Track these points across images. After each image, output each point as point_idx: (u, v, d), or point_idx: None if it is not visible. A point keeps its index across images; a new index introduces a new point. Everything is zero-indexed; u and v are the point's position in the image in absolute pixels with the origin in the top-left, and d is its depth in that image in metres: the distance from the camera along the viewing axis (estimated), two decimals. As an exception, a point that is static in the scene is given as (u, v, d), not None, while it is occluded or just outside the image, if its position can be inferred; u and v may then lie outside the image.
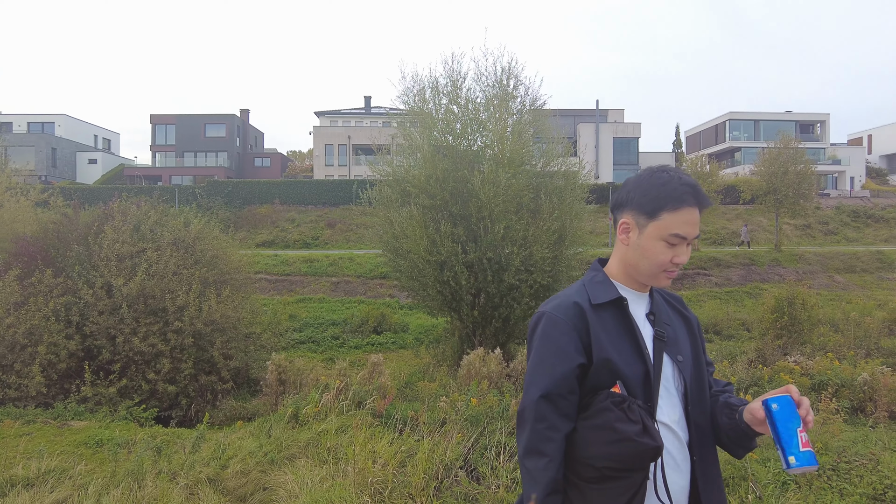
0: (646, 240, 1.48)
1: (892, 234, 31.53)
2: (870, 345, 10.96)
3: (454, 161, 10.86)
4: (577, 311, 1.46)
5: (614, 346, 1.45)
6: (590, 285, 1.54)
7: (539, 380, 1.44)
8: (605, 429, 1.36)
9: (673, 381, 1.51)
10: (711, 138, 52.87)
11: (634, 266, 1.51)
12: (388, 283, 20.11)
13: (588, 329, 1.45)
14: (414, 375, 10.64)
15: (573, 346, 1.44)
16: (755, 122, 50.03)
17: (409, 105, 11.75)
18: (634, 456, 1.34)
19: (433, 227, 10.34)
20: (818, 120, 50.28)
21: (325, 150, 43.29)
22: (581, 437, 1.40)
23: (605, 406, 1.38)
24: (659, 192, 1.47)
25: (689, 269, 22.22)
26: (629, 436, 1.33)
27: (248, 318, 11.46)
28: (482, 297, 10.73)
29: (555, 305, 1.51)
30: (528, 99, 11.65)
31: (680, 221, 1.45)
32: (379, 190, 11.61)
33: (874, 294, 19.68)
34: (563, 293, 1.56)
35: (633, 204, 1.51)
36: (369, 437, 5.67)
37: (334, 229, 29.94)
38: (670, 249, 1.46)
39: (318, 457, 5.67)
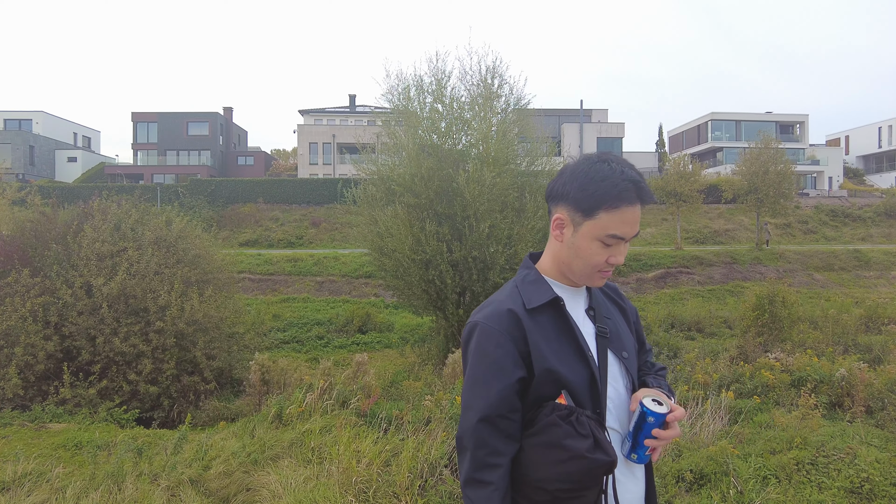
0: (580, 239, 1.36)
1: (869, 233, 32.12)
2: (847, 341, 11.14)
3: (439, 160, 10.86)
4: (511, 319, 1.33)
5: (555, 352, 1.33)
6: (522, 286, 1.41)
7: (476, 401, 1.31)
8: (553, 447, 1.25)
9: (621, 379, 1.42)
10: (694, 138, 53.45)
11: (567, 265, 1.40)
12: (373, 283, 20.04)
13: (525, 338, 1.32)
14: (399, 375, 10.61)
15: (511, 360, 1.31)
16: (736, 122, 50.69)
17: (394, 104, 11.73)
18: (587, 474, 1.23)
19: (418, 226, 10.32)
20: (797, 121, 51.09)
21: (310, 149, 43.04)
22: (528, 458, 1.29)
23: (552, 421, 1.26)
24: (597, 188, 1.32)
25: (672, 267, 22.45)
26: (580, 453, 1.22)
27: (232, 318, 11.35)
28: (467, 295, 10.74)
29: (487, 314, 1.37)
30: (512, 98, 11.70)
31: (618, 221, 1.32)
32: (364, 189, 11.57)
33: (852, 292, 20.04)
34: (495, 298, 1.43)
35: (568, 199, 1.37)
36: (353, 437, 5.64)
37: (319, 228, 29.78)
38: (606, 250, 1.35)
39: (302, 457, 5.63)
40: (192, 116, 47.36)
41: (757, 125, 47.72)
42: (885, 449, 5.63)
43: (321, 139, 42.92)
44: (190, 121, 47.15)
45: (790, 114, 51.33)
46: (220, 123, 48.12)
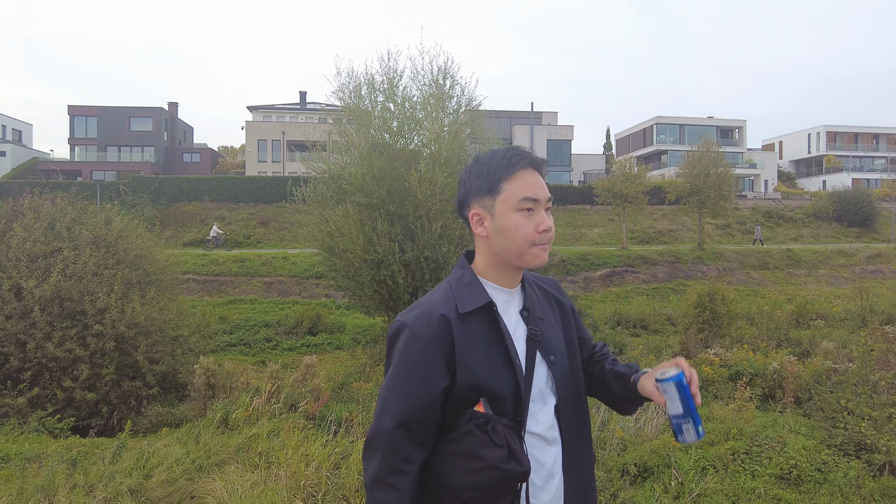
0: (500, 218, 1.36)
1: (800, 233, 33.96)
2: (780, 336, 11.74)
3: (391, 159, 10.81)
4: (442, 325, 1.31)
5: (481, 360, 1.31)
6: (457, 288, 1.38)
7: (395, 406, 1.29)
8: (467, 456, 1.24)
9: (546, 382, 1.41)
10: (640, 141, 55.12)
11: (502, 253, 1.38)
12: (323, 283, 19.77)
13: (453, 345, 1.30)
14: (350, 376, 10.51)
15: (437, 368, 1.29)
16: (680, 126, 52.58)
17: (345, 102, 11.60)
18: (499, 484, 1.23)
19: (370, 226, 10.25)
20: (736, 126, 53.43)
21: (258, 146, 42.06)
22: (443, 465, 1.28)
23: (468, 430, 1.25)
24: (489, 166, 1.37)
25: (618, 266, 23.09)
26: (493, 463, 1.22)
27: (176, 321, 10.97)
28: (420, 295, 10.74)
29: (417, 316, 1.34)
30: (464, 99, 11.75)
31: (522, 185, 1.35)
32: (313, 187, 11.39)
33: (784, 289, 21.13)
34: (428, 300, 1.39)
35: (472, 191, 1.40)
36: (302, 441, 5.56)
37: (267, 227, 29.14)
38: (529, 218, 1.34)
39: (249, 462, 5.51)
40: (134, 111, 45.51)
41: (699, 129, 49.68)
42: (811, 437, 5.97)
43: (270, 136, 42.02)
44: (132, 116, 45.29)
45: (730, 119, 53.65)
46: (164, 119, 46.41)
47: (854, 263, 25.25)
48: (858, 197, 35.60)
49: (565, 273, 22.54)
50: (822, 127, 56.46)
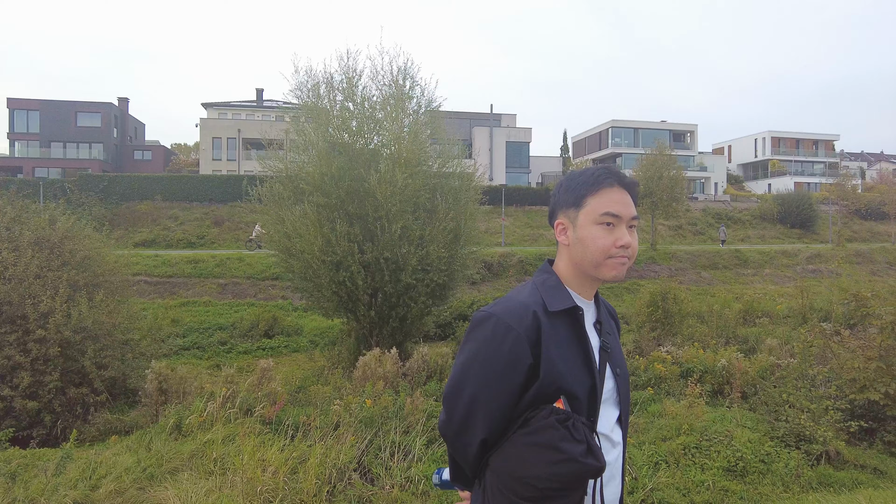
0: (580, 230, 1.44)
1: (747, 234, 35.34)
2: (728, 334, 12.18)
3: (350, 159, 10.72)
4: (532, 321, 1.36)
5: (564, 359, 1.38)
6: (543, 289, 1.45)
7: (479, 391, 1.36)
8: (548, 448, 1.29)
9: (612, 392, 1.49)
10: (596, 144, 56.23)
11: (580, 263, 1.45)
12: (280, 285, 19.44)
13: (540, 341, 1.35)
14: (308, 379, 10.36)
15: (523, 361, 1.34)
16: (635, 130, 53.91)
17: (303, 100, 11.44)
18: (577, 476, 1.29)
19: (328, 227, 10.14)
20: (688, 130, 55.14)
21: (213, 144, 40.99)
22: (520, 455, 1.32)
23: (549, 423, 1.30)
24: (577, 181, 1.47)
25: (575, 267, 23.51)
26: (574, 456, 1.27)
27: (126, 324, 10.58)
28: (379, 296, 10.69)
29: (506, 309, 1.38)
30: (423, 100, 11.76)
31: (606, 201, 1.42)
32: (270, 187, 11.19)
33: (733, 288, 21.96)
34: (515, 296, 1.44)
35: (560, 203, 1.50)
36: (258, 446, 5.46)
37: (222, 228, 28.44)
38: (609, 232, 1.41)
39: (204, 469, 5.38)
40: (82, 106, 43.66)
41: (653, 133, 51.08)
42: (756, 430, 6.23)
43: (226, 134, 41.00)
44: (80, 111, 43.45)
45: (683, 123, 55.31)
46: (114, 115, 44.71)
47: (796, 263, 26.46)
48: (800, 200, 37.31)
49: (523, 273, 22.82)
50: (768, 133, 58.91)
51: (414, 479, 5.26)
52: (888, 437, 6.18)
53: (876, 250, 29.30)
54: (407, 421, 6.45)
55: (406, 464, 5.57)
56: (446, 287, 11.20)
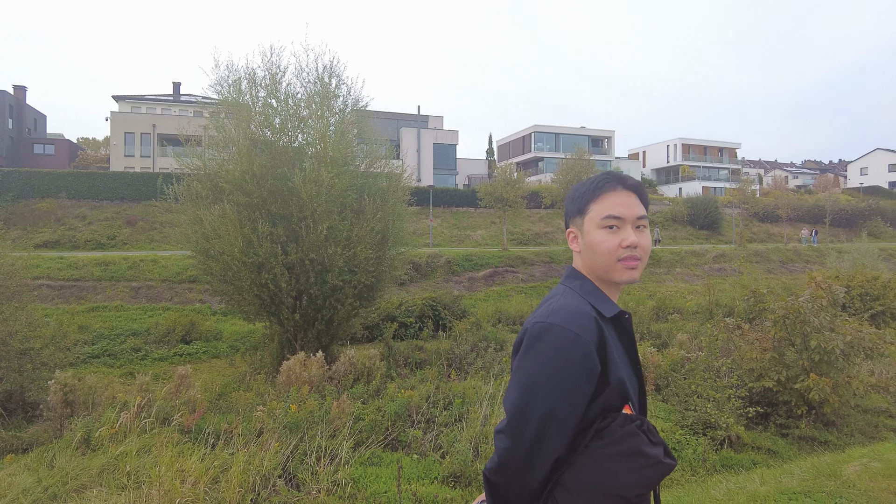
0: (587, 236, 1.45)
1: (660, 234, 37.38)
2: (643, 329, 12.86)
3: (273, 157, 10.44)
4: (597, 328, 1.33)
5: (623, 364, 1.38)
6: (587, 295, 1.42)
7: (555, 406, 1.28)
8: (634, 455, 1.27)
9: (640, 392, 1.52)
10: (519, 148, 57.64)
11: (593, 268, 1.46)
12: (198, 288, 18.59)
13: (606, 348, 1.33)
14: (229, 386, 9.99)
15: (594, 371, 1.30)
16: (556, 135, 55.70)
17: (224, 95, 11.02)
18: (660, 478, 1.29)
19: (249, 227, 9.82)
20: (606, 136, 57.62)
21: (126, 139, 38.57)
22: (602, 468, 1.27)
23: (630, 431, 1.28)
24: (580, 190, 1.51)
25: (499, 267, 24.01)
26: (658, 459, 1.28)
27: (24, 332, 9.78)
28: (304, 299, 10.47)
29: (567, 317, 1.33)
30: (350, 99, 11.64)
31: (608, 205, 1.43)
32: (187, 185, 10.69)
33: (647, 286, 23.16)
34: (564, 303, 1.39)
35: (569, 213, 1.54)
36: (177, 456, 5.23)
37: (135, 228, 26.82)
38: (614, 234, 1.41)
39: (116, 483, 5.08)
40: (-33, 93, 39.81)
41: (573, 138, 53.02)
42: (668, 419, 6.63)
43: (139, 129, 38.68)
44: (-35, 99, 39.60)
45: (601, 129, 57.70)
46: (9, 104, 41.06)
47: (704, 262, 28.27)
48: (707, 203, 39.89)
49: (451, 273, 23.05)
50: (679, 139, 62.58)
51: (341, 482, 5.21)
52: (780, 419, 6.75)
53: (771, 250, 31.83)
54: (334, 425, 6.37)
55: (333, 468, 5.51)
56: (374, 288, 11.13)
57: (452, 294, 18.02)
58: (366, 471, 5.47)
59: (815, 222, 42.95)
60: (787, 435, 6.58)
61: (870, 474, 3.98)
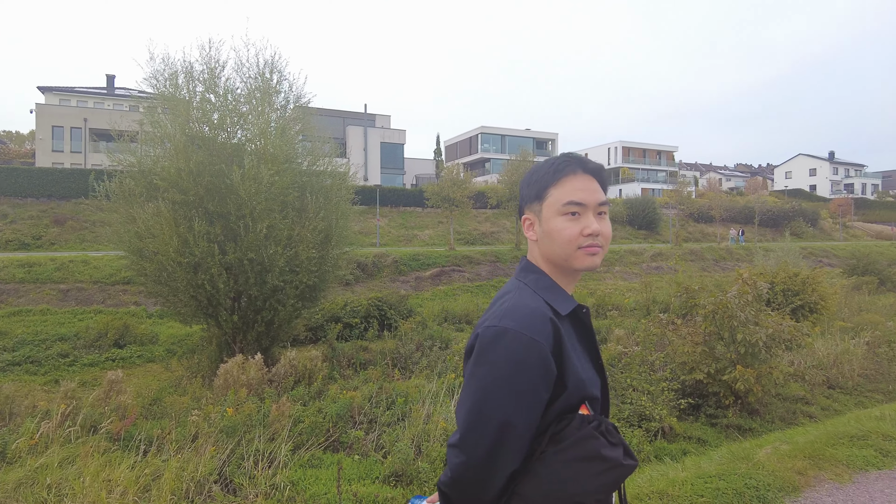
0: (546, 223, 1.36)
1: (603, 235, 38.46)
2: (584, 327, 13.19)
3: (211, 154, 10.11)
4: (552, 329, 1.24)
5: (581, 363, 1.30)
6: (542, 291, 1.33)
7: (510, 416, 1.19)
8: (592, 460, 1.19)
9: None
10: (466, 149, 58.11)
11: (551, 256, 1.37)
12: (132, 290, 17.82)
13: (562, 349, 1.24)
14: (164, 391, 9.60)
15: (551, 374, 1.22)
16: (502, 136, 56.47)
17: (159, 89, 10.60)
18: (620, 480, 1.22)
19: (185, 226, 9.48)
20: (550, 138, 58.84)
21: (53, 133, 36.49)
22: (559, 474, 1.19)
23: (587, 433, 1.21)
24: (539, 173, 1.40)
25: (446, 266, 24.13)
26: (618, 461, 1.21)
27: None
28: (243, 300, 10.19)
29: (521, 320, 1.23)
30: (292, 95, 11.41)
31: (568, 190, 1.34)
32: (119, 182, 10.23)
33: (587, 284, 23.79)
34: (518, 303, 1.29)
35: (525, 198, 1.43)
36: (104, 465, 4.99)
37: (64, 227, 25.40)
38: (575, 222, 1.33)
39: (35, 499, 4.80)
40: None
41: (518, 140, 53.88)
42: (605, 414, 6.82)
43: (69, 123, 36.67)
44: None
45: (545, 132, 58.87)
46: (-84, 94, 38.10)
47: (642, 261, 29.30)
48: (646, 204, 41.37)
49: (398, 273, 22.97)
50: (619, 142, 64.61)
51: (279, 486, 5.10)
52: (710, 410, 7.08)
53: (706, 249, 33.33)
54: (273, 428, 6.23)
55: (271, 471, 5.39)
56: (317, 289, 10.96)
57: (399, 294, 17.96)
58: (305, 473, 5.38)
59: (746, 222, 45.26)
60: (716, 424, 6.90)
61: (778, 456, 4.26)
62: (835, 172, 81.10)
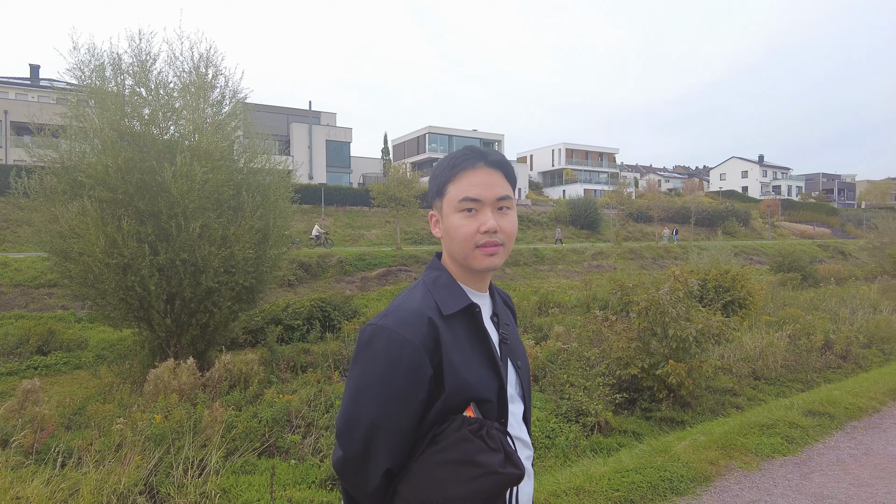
0: (445, 220, 1.32)
1: (544, 234, 39.27)
2: (526, 323, 13.39)
3: (141, 150, 9.66)
4: (429, 330, 1.21)
5: (468, 364, 1.25)
6: (435, 289, 1.31)
7: (378, 417, 1.18)
8: (464, 464, 1.15)
9: (515, 387, 1.38)
10: (414, 148, 58.00)
11: (452, 254, 1.34)
12: (59, 293, 16.82)
13: (440, 350, 1.21)
14: (91, 399, 9.09)
15: (424, 375, 1.19)
16: (449, 136, 56.65)
17: (84, 81, 10.04)
18: (498, 489, 1.17)
19: (113, 225, 9.01)
20: (496, 139, 59.47)
21: (-33, 127, 34.10)
22: (433, 477, 1.17)
23: (462, 436, 1.17)
24: (439, 168, 1.36)
25: (393, 266, 23.99)
26: (493, 468, 1.15)
27: None
28: (177, 302, 9.78)
29: (398, 320, 1.22)
30: (228, 90, 11.04)
31: (465, 185, 1.29)
32: (40, 179, 9.63)
33: (531, 283, 24.18)
34: (404, 301, 1.28)
35: (430, 195, 1.40)
36: (14, 482, 4.66)
37: (-20, 227, 23.78)
38: (472, 219, 1.28)
39: (-67, 520, 4.43)
40: None
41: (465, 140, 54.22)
42: (544, 409, 6.92)
43: (-15, 116, 34.36)
44: None
45: (492, 133, 59.46)
46: None
47: (584, 259, 30.03)
48: (587, 205, 42.48)
49: (343, 273, 22.65)
50: (563, 144, 66.04)
51: (209, 494, 4.91)
52: (644, 404, 7.30)
53: (644, 248, 34.49)
54: (205, 434, 6.00)
55: (202, 479, 5.18)
56: (254, 290, 10.64)
57: (344, 294, 17.71)
58: (238, 480, 5.20)
59: (683, 222, 47.14)
60: (650, 418, 7.11)
61: (694, 447, 4.42)
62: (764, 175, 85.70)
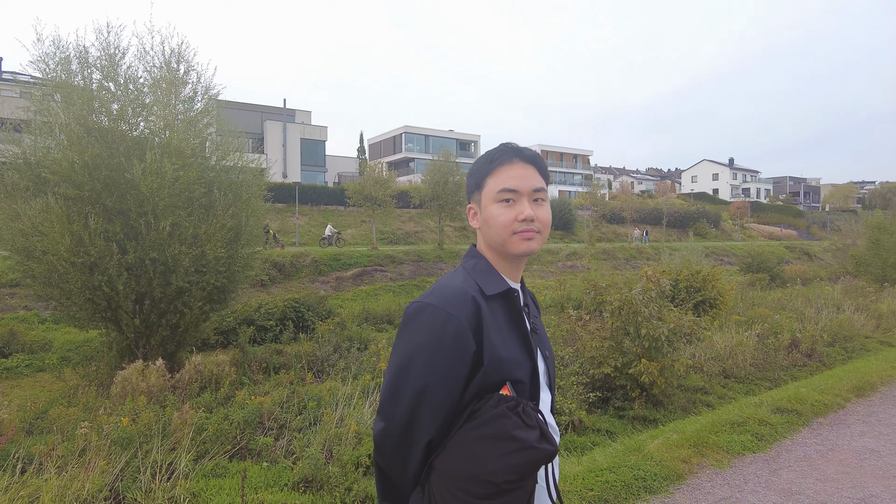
0: (484, 211, 1.43)
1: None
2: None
3: (109, 146, 9.42)
4: (473, 307, 1.29)
5: (505, 344, 1.33)
6: (476, 274, 1.40)
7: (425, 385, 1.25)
8: (502, 438, 1.21)
9: (544, 375, 1.46)
10: (390, 148, 57.83)
11: (490, 242, 1.44)
12: (22, 293, 16.31)
13: (481, 327, 1.29)
14: (55, 403, 8.82)
15: (468, 349, 1.27)
16: (426, 136, 56.62)
17: (49, 74, 9.74)
18: (534, 464, 1.23)
19: (79, 223, 8.77)
20: (473, 140, 59.67)
21: (-75, 121, 32.85)
22: (471, 451, 1.22)
23: (500, 412, 1.23)
24: (477, 164, 1.48)
25: (368, 266, 23.84)
26: (530, 443, 1.21)
27: None
28: (146, 302, 9.56)
29: (442, 297, 1.30)
30: (200, 86, 10.84)
31: (502, 178, 1.40)
32: (1, 175, 9.32)
33: (509, 284, 24.29)
34: (448, 283, 1.37)
35: (468, 189, 1.51)
36: (-32, 489, 4.48)
37: (-61, 225, 22.91)
38: (509, 208, 1.39)
39: None
40: None
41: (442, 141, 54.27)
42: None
43: (-56, 110, 33.11)
44: None
45: (468, 133, 59.62)
46: None
47: (558, 260, 30.28)
48: (562, 206, 42.85)
49: (317, 273, 22.44)
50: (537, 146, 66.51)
51: (178, 498, 4.79)
52: (618, 402, 7.37)
53: (617, 248, 34.94)
54: (174, 437, 5.86)
55: (171, 483, 5.06)
56: (226, 290, 10.46)
57: (318, 294, 17.53)
58: (208, 483, 5.09)
59: (655, 223, 47.88)
60: (623, 416, 7.18)
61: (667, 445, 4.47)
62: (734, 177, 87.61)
